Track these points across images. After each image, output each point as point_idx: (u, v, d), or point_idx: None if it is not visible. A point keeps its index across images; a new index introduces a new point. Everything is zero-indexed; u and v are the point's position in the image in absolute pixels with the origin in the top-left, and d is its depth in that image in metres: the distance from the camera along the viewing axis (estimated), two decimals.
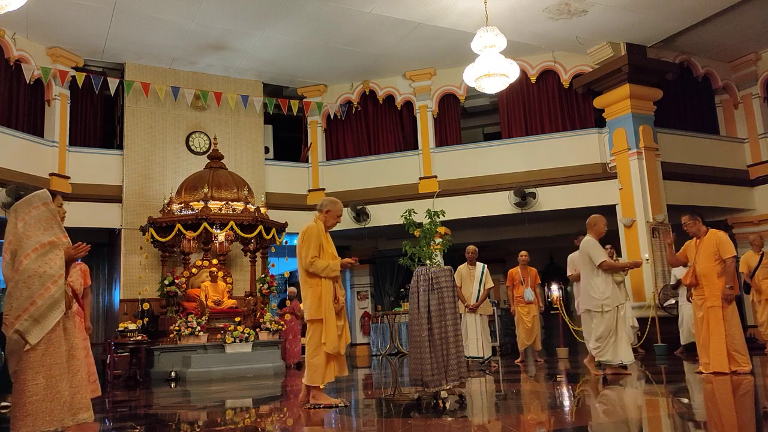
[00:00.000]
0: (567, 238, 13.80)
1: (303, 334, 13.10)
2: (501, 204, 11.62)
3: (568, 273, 8.64)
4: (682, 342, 9.42)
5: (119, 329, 9.73)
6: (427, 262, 5.34)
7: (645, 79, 10.98)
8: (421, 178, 12.24)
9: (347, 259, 5.31)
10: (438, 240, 5.61)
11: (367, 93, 12.88)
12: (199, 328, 9.47)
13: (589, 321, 8.37)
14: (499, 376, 7.70)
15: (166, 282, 10.05)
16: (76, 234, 4.27)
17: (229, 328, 9.59)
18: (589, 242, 6.76)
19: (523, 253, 9.57)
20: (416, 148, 12.49)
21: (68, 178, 10.76)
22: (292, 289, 12.52)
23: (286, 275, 17.34)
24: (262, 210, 10.52)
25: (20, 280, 3.64)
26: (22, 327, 3.60)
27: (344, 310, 5.38)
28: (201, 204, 9.94)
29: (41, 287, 3.64)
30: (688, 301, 7.40)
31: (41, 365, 3.63)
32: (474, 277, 8.71)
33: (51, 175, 10.56)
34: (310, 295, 5.15)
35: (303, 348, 12.42)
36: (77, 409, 3.74)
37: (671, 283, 9.75)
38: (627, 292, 6.87)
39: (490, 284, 8.79)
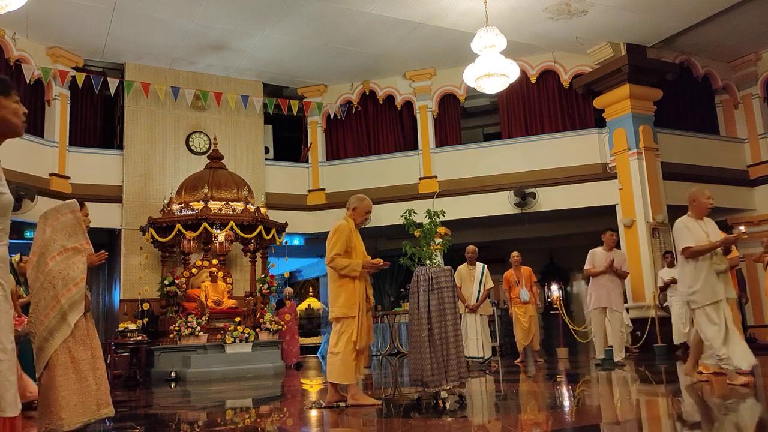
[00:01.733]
0: (567, 238, 13.83)
1: (303, 335, 13.09)
2: (501, 204, 11.62)
3: (586, 267, 8.40)
4: (675, 342, 9.36)
5: (119, 329, 9.73)
6: (427, 262, 5.33)
7: (645, 79, 10.98)
8: (421, 178, 12.24)
9: (375, 260, 5.20)
10: (438, 240, 5.61)
11: (367, 93, 12.88)
12: (199, 328, 9.46)
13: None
14: (499, 376, 7.70)
15: (166, 282, 10.05)
16: None
17: (229, 328, 9.59)
18: (677, 224, 5.61)
19: (515, 253, 9.56)
20: (416, 148, 12.48)
21: (68, 178, 10.76)
22: (289, 289, 12.52)
23: (286, 275, 17.34)
24: (262, 210, 10.52)
25: (46, 280, 3.95)
26: (51, 324, 3.90)
27: (371, 310, 5.36)
28: (201, 204, 9.94)
29: (64, 288, 3.95)
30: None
31: (71, 361, 3.91)
32: (474, 278, 8.71)
33: (51, 175, 10.57)
34: (342, 293, 5.11)
35: (302, 348, 12.50)
36: (100, 404, 4.01)
37: (659, 285, 9.69)
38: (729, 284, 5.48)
39: (490, 284, 8.79)
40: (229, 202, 10.24)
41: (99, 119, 11.68)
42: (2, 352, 2.12)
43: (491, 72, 8.67)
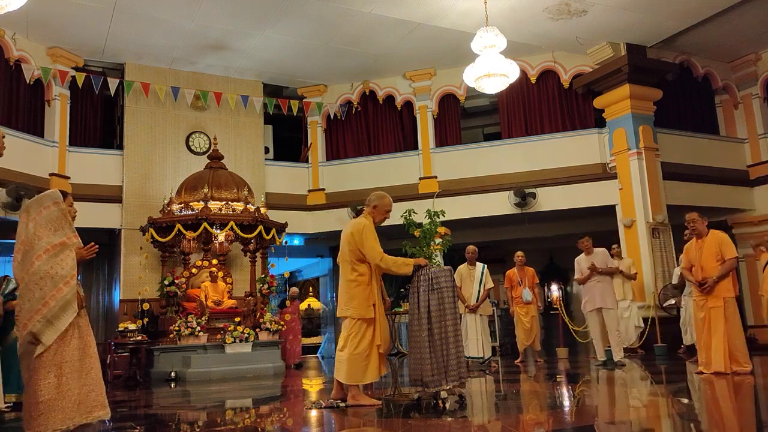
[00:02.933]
0: (567, 239, 13.80)
1: (303, 335, 13.09)
2: (501, 204, 11.61)
3: (575, 276, 8.50)
4: (686, 342, 9.32)
5: (119, 329, 9.72)
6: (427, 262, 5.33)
7: (645, 80, 10.98)
8: (421, 179, 12.23)
9: (421, 259, 5.15)
10: (438, 240, 5.61)
11: (367, 93, 12.88)
12: (198, 328, 9.46)
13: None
14: (499, 376, 7.70)
15: (166, 282, 10.04)
16: None
17: (229, 328, 9.58)
18: None
19: (519, 253, 9.56)
20: (416, 148, 12.48)
21: (68, 178, 10.75)
22: (294, 289, 12.50)
23: (286, 275, 17.33)
24: (262, 210, 10.51)
25: (32, 281, 3.68)
26: (35, 328, 3.64)
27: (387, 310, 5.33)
28: (201, 204, 9.94)
29: (53, 288, 3.68)
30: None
31: (52, 364, 3.67)
32: (474, 278, 8.70)
33: (51, 175, 10.56)
34: (357, 295, 5.08)
35: (303, 348, 12.49)
36: (92, 407, 3.78)
37: (673, 282, 9.69)
38: None
39: (490, 284, 8.78)
40: (229, 202, 10.23)
41: (99, 119, 11.67)
42: None
43: (491, 72, 8.67)
